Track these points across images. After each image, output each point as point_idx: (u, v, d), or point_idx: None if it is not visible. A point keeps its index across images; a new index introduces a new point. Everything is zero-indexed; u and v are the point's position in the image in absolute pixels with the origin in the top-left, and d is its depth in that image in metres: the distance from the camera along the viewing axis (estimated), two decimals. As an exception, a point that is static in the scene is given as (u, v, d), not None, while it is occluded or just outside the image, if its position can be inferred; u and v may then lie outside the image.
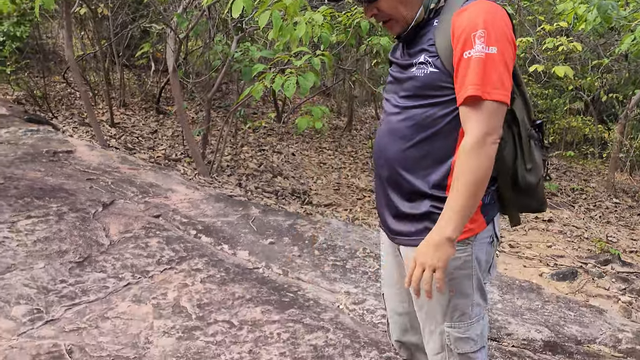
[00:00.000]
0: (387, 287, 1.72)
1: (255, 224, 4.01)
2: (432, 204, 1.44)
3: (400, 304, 1.68)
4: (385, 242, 1.69)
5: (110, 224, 3.56)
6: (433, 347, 1.53)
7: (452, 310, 1.48)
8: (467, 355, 1.49)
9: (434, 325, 1.51)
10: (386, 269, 1.71)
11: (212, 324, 2.63)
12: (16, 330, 2.41)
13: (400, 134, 1.46)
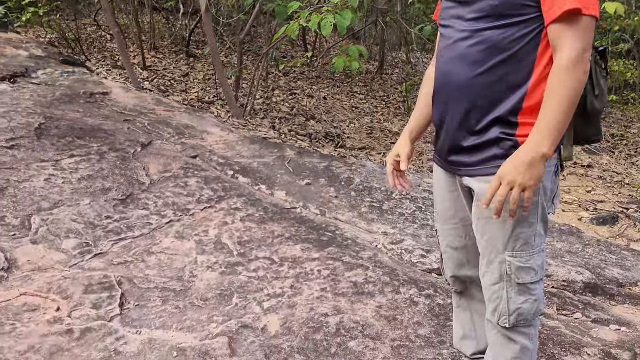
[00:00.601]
0: (441, 223, 1.71)
1: (290, 165, 4.01)
2: (502, 130, 1.40)
3: (457, 238, 1.67)
4: (440, 178, 1.66)
5: (149, 163, 3.60)
6: (490, 277, 1.51)
7: (514, 239, 1.45)
8: (526, 286, 1.48)
9: (494, 254, 1.48)
10: (441, 205, 1.68)
11: (253, 260, 2.68)
12: (67, 262, 2.50)
13: (471, 59, 1.40)
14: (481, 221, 1.49)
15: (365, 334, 2.18)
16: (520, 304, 1.49)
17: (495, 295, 1.51)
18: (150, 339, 2.05)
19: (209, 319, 2.21)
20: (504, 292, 1.49)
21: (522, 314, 1.50)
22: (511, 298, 1.49)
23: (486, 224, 1.47)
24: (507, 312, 1.50)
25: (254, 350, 2.05)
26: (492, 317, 1.53)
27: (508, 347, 1.55)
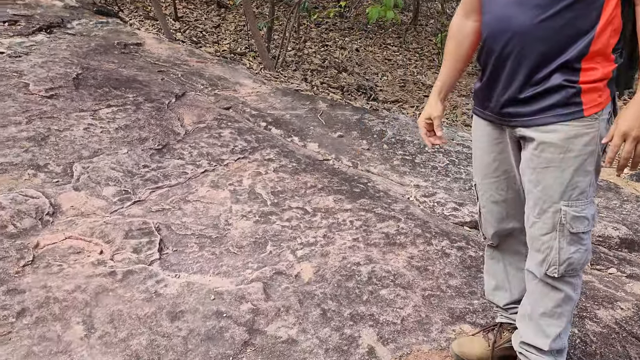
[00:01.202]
0: (481, 178, 1.67)
1: (323, 118, 4.00)
2: (566, 78, 1.37)
3: (498, 192, 1.64)
4: (483, 131, 1.61)
5: (184, 114, 3.65)
6: (542, 227, 1.48)
7: (572, 188, 1.42)
8: (578, 235, 1.46)
9: (549, 204, 1.45)
10: (482, 159, 1.65)
11: (286, 210, 2.73)
12: (108, 208, 2.59)
13: (534, 3, 1.35)
14: (537, 170, 1.45)
15: (396, 283, 2.22)
16: (572, 253, 1.47)
17: (545, 246, 1.49)
18: (188, 283, 2.13)
19: (244, 266, 2.28)
20: (555, 242, 1.47)
21: (572, 264, 1.49)
22: (563, 248, 1.47)
23: (542, 174, 1.45)
24: (557, 262, 1.48)
25: (288, 295, 2.11)
26: (539, 268, 1.51)
27: (549, 296, 1.54)
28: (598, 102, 1.39)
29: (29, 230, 2.35)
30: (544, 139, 1.42)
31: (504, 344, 1.76)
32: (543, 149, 1.43)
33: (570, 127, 1.40)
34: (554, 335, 1.55)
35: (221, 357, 1.81)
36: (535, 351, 1.59)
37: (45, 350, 1.78)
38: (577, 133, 1.40)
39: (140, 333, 1.87)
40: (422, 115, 1.70)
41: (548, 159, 1.43)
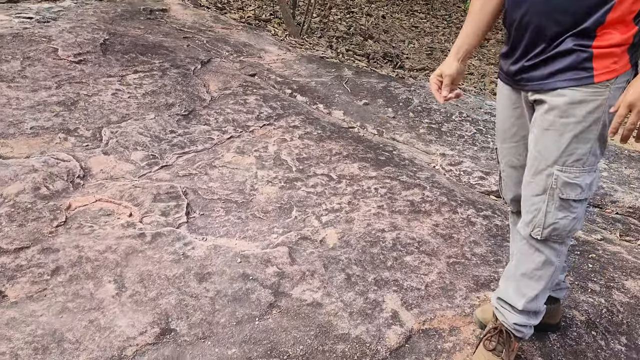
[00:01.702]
0: (501, 142, 1.67)
1: (348, 86, 3.96)
2: (578, 42, 1.33)
3: (516, 157, 1.64)
4: (504, 95, 1.61)
5: (209, 80, 3.65)
6: (534, 188, 1.48)
7: (568, 154, 1.41)
8: (568, 202, 1.45)
9: (543, 166, 1.45)
10: (503, 123, 1.65)
11: (311, 176, 2.73)
12: (136, 172, 2.63)
13: None
14: (538, 131, 1.45)
15: (421, 250, 2.22)
16: (558, 219, 1.47)
17: (534, 207, 1.49)
18: (215, 246, 2.17)
19: (269, 230, 2.30)
20: (543, 205, 1.47)
21: (557, 229, 1.48)
22: (550, 212, 1.47)
23: (541, 134, 1.44)
24: (542, 225, 1.48)
25: (313, 260, 2.13)
26: (526, 228, 1.52)
27: (531, 258, 1.55)
28: (612, 69, 1.34)
29: (60, 193, 2.40)
30: (550, 101, 1.41)
31: None
32: (547, 110, 1.42)
33: (577, 92, 1.37)
34: (529, 297, 1.57)
35: (247, 318, 1.85)
36: (509, 308, 1.62)
37: (79, 307, 1.84)
38: (583, 99, 1.37)
39: (169, 293, 1.92)
40: (435, 71, 1.67)
41: (549, 120, 1.42)
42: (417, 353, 1.74)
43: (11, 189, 2.36)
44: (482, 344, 1.67)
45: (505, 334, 1.64)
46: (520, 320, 1.61)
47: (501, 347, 1.63)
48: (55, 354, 1.66)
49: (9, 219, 2.19)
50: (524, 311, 1.59)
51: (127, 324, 1.78)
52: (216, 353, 1.71)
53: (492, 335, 1.66)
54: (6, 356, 1.63)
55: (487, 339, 1.66)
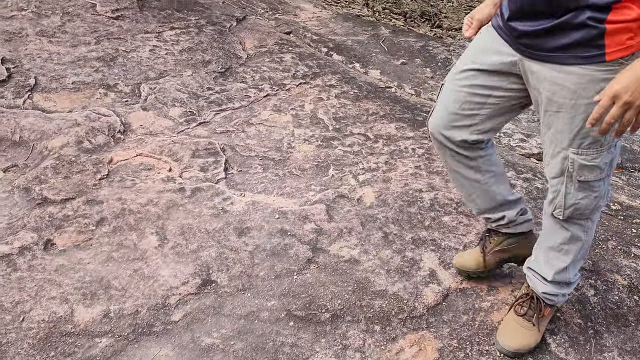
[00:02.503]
0: (454, 83, 1.52)
1: (385, 45, 3.88)
2: (592, 15, 1.21)
3: (455, 104, 1.51)
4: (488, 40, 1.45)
5: (245, 38, 3.62)
6: (552, 170, 1.43)
7: (582, 136, 1.33)
8: (588, 183, 1.39)
9: (558, 149, 1.38)
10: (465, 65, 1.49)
11: (348, 135, 2.71)
12: (175, 128, 2.66)
13: None
14: (548, 113, 1.36)
15: (459, 211, 2.20)
16: (579, 199, 1.42)
17: (554, 188, 1.45)
18: (253, 202, 2.19)
19: (307, 188, 2.31)
20: (562, 187, 1.42)
21: (579, 209, 1.44)
22: (569, 193, 1.41)
23: (552, 117, 1.35)
24: (562, 206, 1.44)
25: (351, 218, 2.14)
26: (548, 207, 1.49)
27: (556, 233, 1.53)
28: (627, 46, 1.22)
29: (102, 147, 2.45)
30: (556, 80, 1.30)
31: (494, 249, 1.77)
32: (555, 92, 1.32)
33: (587, 71, 1.25)
34: (557, 269, 1.56)
35: (286, 272, 1.88)
36: (540, 277, 1.61)
37: (123, 257, 1.90)
38: (593, 78, 1.26)
39: (209, 246, 1.96)
40: (469, 14, 1.60)
41: (559, 103, 1.32)
42: (455, 311, 1.75)
43: (55, 142, 2.41)
44: (513, 308, 1.67)
45: (536, 300, 1.63)
46: (549, 290, 1.59)
47: (532, 312, 1.63)
48: (103, 300, 1.72)
49: (55, 171, 2.25)
50: (554, 281, 1.58)
51: (169, 274, 1.83)
52: (256, 304, 1.75)
53: (524, 301, 1.65)
54: (57, 300, 1.71)
55: (518, 304, 1.66)
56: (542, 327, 1.64)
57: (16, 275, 1.78)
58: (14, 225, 1.97)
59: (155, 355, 1.57)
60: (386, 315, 1.72)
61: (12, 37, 3.07)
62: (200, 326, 1.67)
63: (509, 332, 1.62)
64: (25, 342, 1.57)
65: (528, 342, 1.60)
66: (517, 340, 1.60)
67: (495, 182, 1.65)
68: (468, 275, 1.85)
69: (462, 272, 1.85)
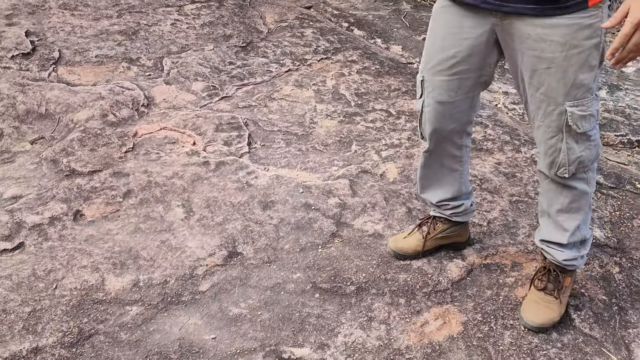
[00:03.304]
0: (433, 74, 1.50)
1: (407, 20, 3.83)
2: None
3: (449, 92, 1.50)
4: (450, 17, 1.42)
5: (265, 12, 3.59)
6: (547, 130, 1.42)
7: (576, 87, 1.33)
8: (586, 134, 1.40)
9: (553, 106, 1.37)
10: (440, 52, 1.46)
11: (370, 111, 2.70)
12: (198, 102, 2.67)
13: None
14: (538, 72, 1.35)
15: (483, 188, 2.20)
16: (581, 152, 1.43)
17: (552, 149, 1.44)
18: (277, 176, 2.21)
19: (330, 163, 2.32)
20: (562, 144, 1.42)
21: (582, 162, 1.45)
22: (571, 148, 1.42)
23: (543, 75, 1.34)
24: (567, 163, 1.44)
25: (374, 193, 2.15)
26: (549, 170, 1.48)
27: (563, 194, 1.52)
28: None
29: (127, 120, 2.47)
30: (542, 35, 1.29)
31: (437, 234, 1.82)
32: (543, 49, 1.31)
33: (572, 19, 1.26)
34: (572, 229, 1.56)
35: (311, 245, 1.90)
36: (556, 246, 1.60)
37: (150, 228, 1.93)
38: (580, 26, 1.27)
39: (234, 219, 1.99)
40: None
41: (549, 58, 1.31)
42: (479, 286, 1.76)
43: (81, 115, 2.44)
44: (532, 284, 1.67)
45: (554, 272, 1.63)
46: (569, 255, 1.60)
47: (552, 285, 1.63)
48: (132, 270, 1.76)
49: (81, 143, 2.28)
50: (570, 244, 1.58)
51: (196, 246, 1.86)
52: (281, 276, 1.78)
53: (543, 275, 1.65)
54: (88, 269, 1.75)
55: (537, 278, 1.66)
56: (564, 299, 1.65)
57: (48, 244, 1.82)
58: (44, 196, 2.01)
59: (185, 323, 1.61)
60: (411, 289, 1.74)
61: (35, 10, 3.08)
62: (227, 296, 1.70)
63: (532, 308, 1.63)
64: (59, 309, 1.61)
65: (552, 316, 1.61)
66: (540, 315, 1.61)
67: (466, 173, 1.73)
68: (398, 257, 1.85)
69: (397, 255, 1.85)
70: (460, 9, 1.40)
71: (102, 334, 1.56)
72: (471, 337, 1.59)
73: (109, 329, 1.57)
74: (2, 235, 1.82)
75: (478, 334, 1.60)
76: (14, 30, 2.86)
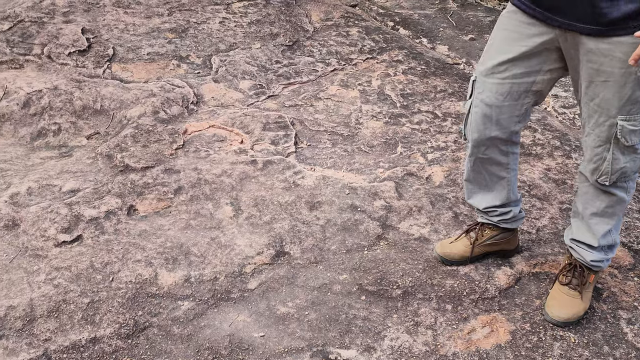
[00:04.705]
0: (487, 75, 1.51)
1: (453, 19, 3.78)
2: None
3: (497, 96, 1.50)
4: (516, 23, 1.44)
5: (311, 11, 3.61)
6: (595, 139, 1.46)
7: (631, 102, 1.37)
8: (633, 147, 1.44)
9: (605, 118, 1.41)
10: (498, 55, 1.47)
11: (416, 113, 2.69)
12: (245, 101, 2.71)
13: None
14: (594, 84, 1.38)
15: (532, 194, 2.17)
16: (625, 163, 1.47)
17: (598, 157, 1.48)
18: (323, 176, 2.23)
19: (375, 164, 2.32)
20: (608, 154, 1.46)
21: (625, 172, 1.49)
22: (617, 159, 1.46)
23: (600, 87, 1.38)
24: (609, 172, 1.48)
25: (420, 196, 2.14)
26: (592, 175, 1.52)
27: (601, 199, 1.56)
28: None
29: (177, 117, 2.53)
30: (605, 51, 1.32)
31: (485, 241, 1.82)
32: (602, 63, 1.34)
33: (634, 38, 1.28)
34: (603, 232, 1.59)
35: (356, 247, 1.91)
36: (585, 247, 1.64)
37: (200, 225, 1.98)
38: None
39: (282, 218, 2.02)
40: None
41: (607, 72, 1.35)
42: (527, 295, 1.74)
43: (134, 112, 2.51)
44: (557, 279, 1.70)
45: (579, 268, 1.67)
46: (597, 257, 1.63)
47: (577, 280, 1.66)
48: (184, 265, 1.81)
49: (134, 139, 2.35)
50: (599, 247, 1.62)
51: (245, 244, 1.90)
52: (328, 277, 1.80)
53: (568, 271, 1.69)
54: (142, 263, 1.81)
55: (562, 274, 1.69)
56: (587, 294, 1.68)
57: (104, 237, 1.89)
58: (100, 191, 2.08)
59: (234, 320, 1.65)
60: (457, 295, 1.73)
61: (90, 8, 3.18)
62: (275, 295, 1.74)
63: (556, 303, 1.66)
64: (115, 301, 1.67)
65: (576, 310, 1.64)
66: (564, 310, 1.63)
67: (514, 180, 1.73)
68: (445, 263, 1.84)
69: (444, 261, 1.84)
70: (526, 17, 1.43)
71: (156, 327, 1.61)
72: (519, 347, 1.57)
73: (163, 323, 1.63)
74: (62, 228, 1.90)
75: (527, 344, 1.58)
76: (71, 27, 2.96)
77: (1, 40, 2.83)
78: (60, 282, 1.71)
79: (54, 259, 1.79)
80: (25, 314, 1.60)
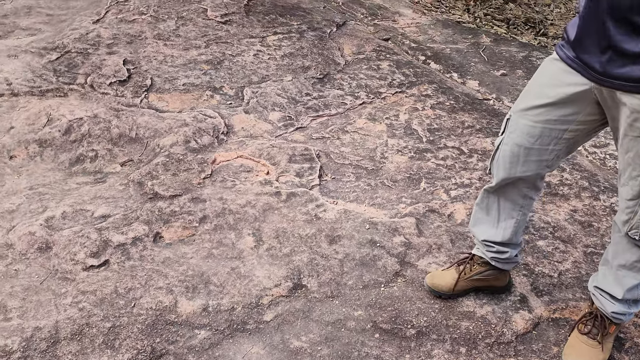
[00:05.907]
0: (521, 116, 1.53)
1: (485, 54, 3.79)
2: None
3: (528, 137, 1.52)
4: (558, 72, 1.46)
5: (344, 44, 3.69)
6: (629, 192, 1.45)
7: None
8: None
9: (638, 172, 1.41)
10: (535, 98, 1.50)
11: (442, 148, 2.70)
12: (273, 132, 2.78)
13: None
14: (628, 138, 1.39)
15: (555, 236, 2.13)
16: None
17: (629, 210, 1.47)
18: (345, 210, 2.26)
19: (397, 200, 2.34)
20: (639, 208, 1.45)
21: None
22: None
23: (633, 142, 1.39)
24: (639, 227, 1.47)
25: (440, 234, 2.14)
26: (623, 227, 1.51)
27: (631, 251, 1.53)
28: None
29: (207, 147, 2.62)
30: (637, 106, 1.33)
31: (473, 276, 1.80)
32: (636, 118, 1.35)
33: None
34: (629, 286, 1.57)
35: (374, 283, 1.92)
36: (608, 297, 1.60)
37: (222, 254, 2.03)
38: None
39: (301, 251, 2.05)
40: None
41: None
42: (545, 341, 1.71)
43: (166, 141, 2.61)
44: (576, 327, 1.66)
45: (600, 318, 1.63)
46: (619, 309, 1.60)
47: (596, 330, 1.63)
48: (203, 294, 1.86)
49: (165, 168, 2.44)
50: (623, 299, 1.58)
51: (264, 275, 1.94)
52: (343, 312, 1.81)
53: (588, 320, 1.65)
54: (163, 290, 1.87)
55: (582, 322, 1.66)
56: (608, 344, 1.64)
57: (129, 263, 1.97)
58: (129, 217, 2.17)
59: (248, 351, 1.68)
60: (472, 338, 1.72)
61: (133, 40, 3.34)
62: (289, 328, 1.76)
63: (574, 352, 1.62)
64: (135, 327, 1.73)
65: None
66: (583, 359, 1.59)
67: (523, 224, 1.73)
68: (434, 294, 1.85)
69: (433, 292, 1.85)
70: (566, 66, 1.46)
71: (172, 355, 1.66)
72: (533, 396, 1.55)
73: (179, 350, 1.67)
74: (91, 252, 1.98)
75: (541, 392, 1.55)
76: (114, 58, 3.12)
77: (49, 70, 3.01)
78: (85, 305, 1.78)
79: (81, 283, 1.87)
80: (50, 335, 1.68)
